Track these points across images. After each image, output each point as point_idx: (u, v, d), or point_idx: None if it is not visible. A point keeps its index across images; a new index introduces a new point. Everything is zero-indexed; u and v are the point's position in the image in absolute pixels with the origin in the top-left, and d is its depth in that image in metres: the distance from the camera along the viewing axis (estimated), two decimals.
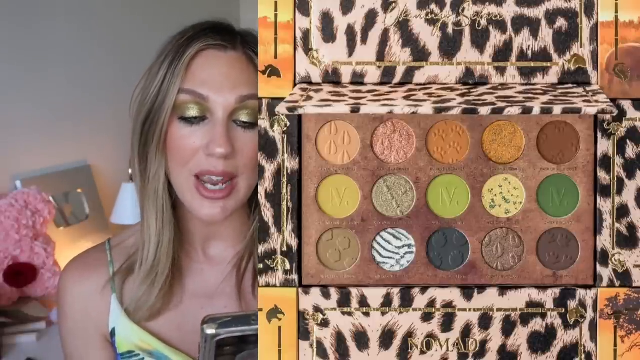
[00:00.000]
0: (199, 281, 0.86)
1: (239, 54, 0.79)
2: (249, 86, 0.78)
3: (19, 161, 2.02)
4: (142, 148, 0.81)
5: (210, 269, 0.87)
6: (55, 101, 2.15)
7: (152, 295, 0.82)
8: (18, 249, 1.81)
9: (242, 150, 0.77)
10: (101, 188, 2.25)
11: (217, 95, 0.76)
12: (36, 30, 2.07)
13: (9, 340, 1.66)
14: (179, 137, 0.78)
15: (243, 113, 0.77)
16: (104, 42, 2.29)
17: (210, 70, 0.78)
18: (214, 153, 0.76)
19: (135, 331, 0.83)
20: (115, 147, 2.24)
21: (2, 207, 1.82)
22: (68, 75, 2.18)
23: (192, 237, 0.86)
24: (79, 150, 2.22)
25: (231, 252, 0.87)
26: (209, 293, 0.86)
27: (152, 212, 0.82)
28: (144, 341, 0.82)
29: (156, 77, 0.79)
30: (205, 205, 0.78)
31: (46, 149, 2.11)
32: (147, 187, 0.81)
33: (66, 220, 2.09)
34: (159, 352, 0.82)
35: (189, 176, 0.78)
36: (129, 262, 0.86)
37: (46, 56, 2.12)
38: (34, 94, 2.09)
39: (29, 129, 2.07)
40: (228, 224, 0.85)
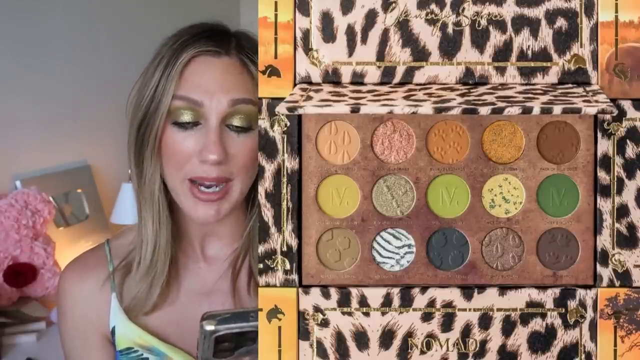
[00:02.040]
0: (196, 279, 0.87)
1: (233, 59, 0.80)
2: (242, 91, 0.78)
3: (19, 161, 2.02)
4: (138, 151, 0.81)
5: (207, 267, 0.87)
6: (55, 101, 2.15)
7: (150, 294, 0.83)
8: (18, 249, 1.81)
9: (235, 155, 0.78)
10: (101, 188, 2.25)
11: (210, 100, 0.77)
12: (36, 31, 2.07)
13: (9, 340, 1.66)
14: (173, 142, 0.78)
15: (236, 118, 0.77)
16: (104, 42, 2.29)
17: (204, 76, 0.78)
18: (207, 160, 0.76)
19: (134, 329, 0.83)
20: (115, 147, 2.24)
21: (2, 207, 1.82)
22: (68, 75, 2.18)
23: (189, 236, 0.87)
24: (79, 150, 2.22)
25: (228, 250, 0.87)
26: (206, 290, 0.86)
27: (149, 214, 0.82)
28: (142, 338, 0.83)
29: (151, 81, 0.79)
30: (200, 207, 0.78)
31: (46, 149, 2.11)
32: (143, 189, 0.82)
33: (66, 220, 2.09)
34: (157, 349, 0.82)
35: (184, 180, 0.78)
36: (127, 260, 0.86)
37: (46, 56, 2.12)
38: (34, 94, 2.09)
39: (29, 128, 2.07)
40: (225, 223, 0.86)
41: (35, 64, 2.09)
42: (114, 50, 2.31)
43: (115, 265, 0.87)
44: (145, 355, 0.83)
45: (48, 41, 2.12)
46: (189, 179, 0.78)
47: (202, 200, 0.78)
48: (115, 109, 2.21)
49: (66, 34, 2.17)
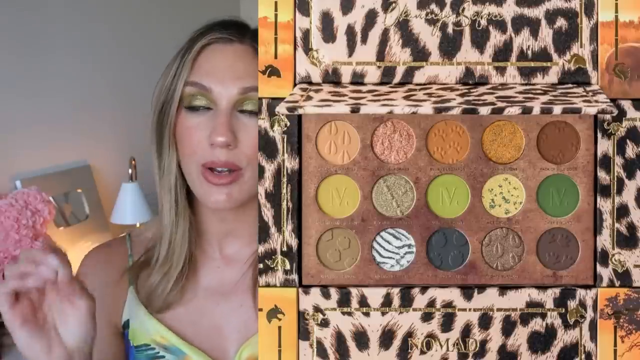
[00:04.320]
0: (214, 278, 0.87)
1: (246, 46, 0.81)
2: (253, 78, 0.79)
3: (19, 161, 2.02)
4: (158, 139, 0.85)
5: (225, 267, 0.88)
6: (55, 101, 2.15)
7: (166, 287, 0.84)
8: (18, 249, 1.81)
9: (246, 140, 0.79)
10: (101, 188, 2.25)
11: (220, 86, 0.79)
12: (36, 31, 2.07)
13: (9, 340, 1.66)
14: (186, 128, 0.81)
15: (247, 103, 0.79)
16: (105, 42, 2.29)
17: (214, 63, 0.80)
18: (215, 142, 0.78)
19: (153, 325, 0.84)
20: (115, 147, 2.24)
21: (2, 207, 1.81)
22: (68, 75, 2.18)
23: (208, 235, 0.88)
24: (79, 150, 2.22)
25: (247, 250, 0.88)
26: (224, 290, 0.87)
27: (167, 204, 0.85)
28: (161, 335, 0.83)
29: (170, 70, 0.84)
30: (212, 191, 0.80)
31: (46, 149, 2.11)
32: (162, 179, 0.85)
33: (66, 220, 2.09)
34: (175, 346, 0.83)
35: (197, 165, 0.80)
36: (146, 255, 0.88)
37: (46, 56, 2.12)
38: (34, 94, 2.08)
39: (29, 129, 2.07)
40: (243, 222, 0.86)
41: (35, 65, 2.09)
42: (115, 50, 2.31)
43: (134, 258, 0.88)
44: (161, 353, 0.83)
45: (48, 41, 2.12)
46: (202, 165, 0.80)
47: (214, 184, 0.79)
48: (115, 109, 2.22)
49: (67, 35, 2.17)
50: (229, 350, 0.81)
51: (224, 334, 0.82)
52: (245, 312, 0.82)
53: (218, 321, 0.83)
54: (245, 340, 0.81)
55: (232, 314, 0.83)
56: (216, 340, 0.82)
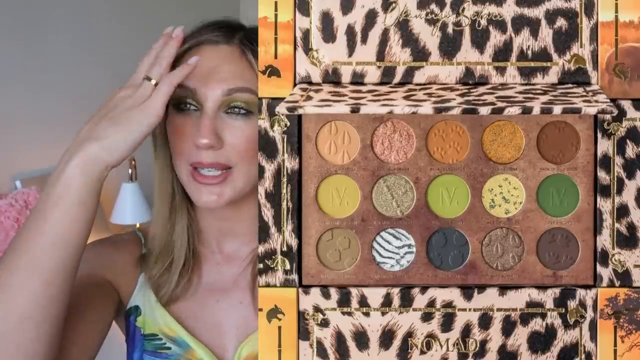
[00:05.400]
0: (215, 275, 0.88)
1: (232, 47, 0.81)
2: (239, 79, 0.79)
3: (19, 161, 2.02)
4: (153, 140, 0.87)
5: (225, 264, 0.89)
6: (56, 101, 2.15)
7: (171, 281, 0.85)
8: None
9: (232, 141, 0.79)
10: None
11: (204, 88, 0.79)
12: (36, 30, 2.07)
13: None
14: (175, 127, 0.83)
15: (233, 104, 0.79)
16: (104, 41, 2.29)
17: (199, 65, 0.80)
18: (199, 144, 0.78)
19: (163, 315, 0.85)
20: None
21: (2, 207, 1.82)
22: (68, 75, 2.18)
23: (206, 234, 0.89)
24: None
25: (246, 249, 0.88)
26: (225, 287, 0.88)
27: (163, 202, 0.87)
28: (168, 326, 0.84)
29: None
30: (202, 191, 0.80)
31: (46, 149, 2.11)
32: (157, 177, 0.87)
33: None
34: (181, 339, 0.84)
35: (186, 165, 0.81)
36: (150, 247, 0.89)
37: (46, 56, 2.12)
38: (34, 94, 2.09)
39: (29, 128, 2.07)
40: (241, 221, 0.87)
41: (35, 65, 2.09)
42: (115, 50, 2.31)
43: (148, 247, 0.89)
44: (168, 344, 0.84)
45: (48, 41, 2.12)
46: (190, 164, 0.80)
47: (203, 184, 0.80)
48: None
49: (67, 34, 2.17)
50: (229, 347, 0.82)
51: (224, 330, 0.83)
52: (245, 309, 0.83)
53: (218, 317, 0.84)
54: (244, 337, 0.81)
55: (231, 310, 0.84)
56: (217, 336, 0.83)
